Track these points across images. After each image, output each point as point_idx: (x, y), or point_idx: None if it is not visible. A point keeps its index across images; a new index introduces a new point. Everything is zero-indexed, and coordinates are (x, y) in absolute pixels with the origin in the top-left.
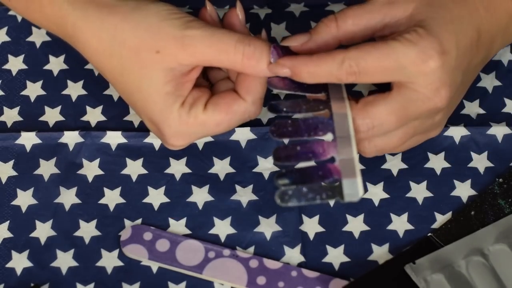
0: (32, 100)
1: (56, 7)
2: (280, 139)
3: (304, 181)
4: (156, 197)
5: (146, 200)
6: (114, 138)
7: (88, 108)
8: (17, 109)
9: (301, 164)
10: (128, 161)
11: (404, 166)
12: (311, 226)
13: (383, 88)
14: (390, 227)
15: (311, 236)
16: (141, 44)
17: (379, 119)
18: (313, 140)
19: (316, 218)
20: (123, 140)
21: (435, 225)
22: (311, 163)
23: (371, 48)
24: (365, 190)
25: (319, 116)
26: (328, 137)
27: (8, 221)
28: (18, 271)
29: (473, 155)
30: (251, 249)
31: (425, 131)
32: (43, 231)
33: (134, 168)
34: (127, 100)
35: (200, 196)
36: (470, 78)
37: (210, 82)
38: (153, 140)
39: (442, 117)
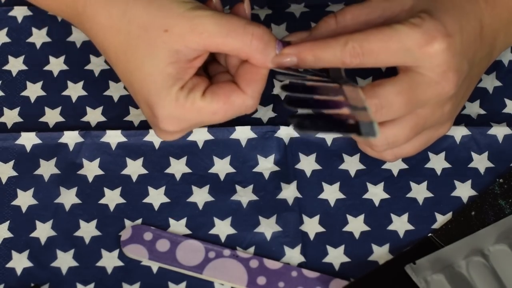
0: (32, 101)
1: None
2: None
3: (320, 119)
4: (156, 197)
5: (146, 200)
6: (114, 137)
7: (88, 109)
8: (17, 110)
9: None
10: (128, 160)
11: (405, 166)
12: (312, 226)
13: None
14: (391, 227)
15: (312, 236)
16: (150, 21)
17: (387, 98)
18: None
19: (317, 218)
20: (123, 139)
21: (435, 226)
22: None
23: (375, 30)
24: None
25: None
26: (339, 98)
27: (8, 221)
28: (18, 271)
29: (474, 155)
30: (251, 249)
31: (435, 125)
32: (43, 231)
33: (134, 168)
34: (126, 81)
35: (200, 196)
36: (475, 73)
37: (209, 75)
38: (153, 138)
39: (451, 108)
